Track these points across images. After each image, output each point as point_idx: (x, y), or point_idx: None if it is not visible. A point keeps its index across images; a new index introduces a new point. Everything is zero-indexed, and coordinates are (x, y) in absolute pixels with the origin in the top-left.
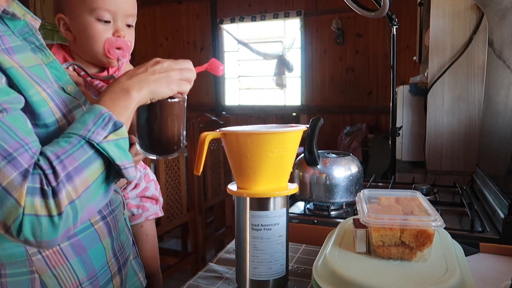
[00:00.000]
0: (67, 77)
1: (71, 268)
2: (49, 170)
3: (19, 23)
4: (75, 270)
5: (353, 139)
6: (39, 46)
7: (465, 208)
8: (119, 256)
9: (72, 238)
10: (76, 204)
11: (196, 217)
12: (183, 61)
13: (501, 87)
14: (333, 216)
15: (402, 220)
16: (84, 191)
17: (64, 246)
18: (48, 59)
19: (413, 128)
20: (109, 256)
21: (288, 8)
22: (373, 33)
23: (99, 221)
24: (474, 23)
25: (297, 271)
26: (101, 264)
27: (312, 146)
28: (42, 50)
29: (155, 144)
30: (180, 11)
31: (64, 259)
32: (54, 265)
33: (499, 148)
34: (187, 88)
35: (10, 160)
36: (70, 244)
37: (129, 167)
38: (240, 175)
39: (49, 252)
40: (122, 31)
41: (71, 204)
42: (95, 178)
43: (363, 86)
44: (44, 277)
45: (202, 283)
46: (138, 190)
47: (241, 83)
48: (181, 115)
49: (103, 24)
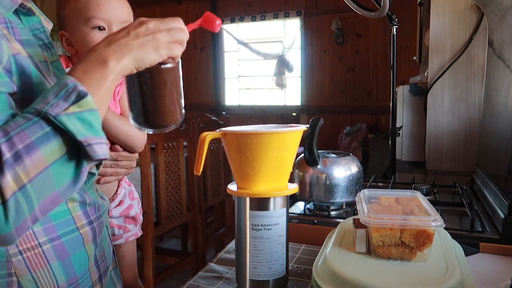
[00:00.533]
0: None
1: (52, 272)
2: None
3: (32, 19)
4: (56, 274)
5: (353, 139)
6: (47, 44)
7: (465, 208)
8: (100, 264)
9: (55, 241)
10: (28, 189)
11: (196, 217)
12: (172, 20)
13: (501, 87)
14: (333, 216)
15: (402, 220)
16: (39, 174)
17: (46, 248)
18: (53, 58)
19: (413, 128)
20: (91, 263)
21: (288, 8)
22: (373, 33)
23: (86, 225)
24: (474, 23)
25: (297, 271)
26: (83, 271)
27: (312, 146)
28: (49, 48)
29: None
30: (180, 11)
31: (45, 262)
32: (34, 267)
33: (499, 148)
34: (179, 52)
35: None
36: (53, 246)
37: (95, 143)
38: (240, 175)
39: (31, 253)
40: None
41: (22, 189)
42: (55, 158)
43: (363, 86)
44: (22, 280)
45: (202, 283)
46: (122, 207)
47: (241, 83)
48: (176, 83)
49: (98, 32)
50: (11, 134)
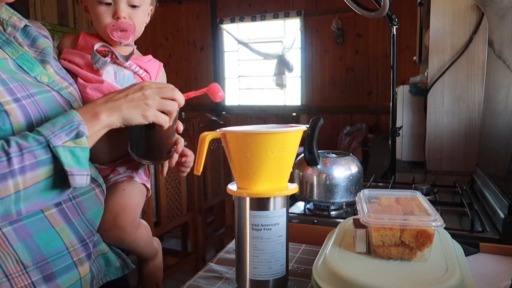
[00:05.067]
0: (40, 68)
1: (14, 252)
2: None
3: None
4: (19, 254)
5: (353, 139)
6: (6, 41)
7: (465, 208)
8: (89, 243)
9: (16, 223)
10: (21, 194)
11: (196, 217)
12: (170, 90)
13: (501, 87)
14: (333, 216)
15: (402, 220)
16: (32, 185)
17: (6, 230)
18: (17, 52)
19: (413, 128)
20: (71, 242)
21: (288, 8)
22: (373, 33)
23: (51, 208)
24: (474, 23)
25: (297, 271)
26: (53, 250)
27: (312, 146)
28: (10, 44)
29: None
30: (180, 11)
31: (6, 244)
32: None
33: (499, 148)
34: (164, 120)
35: None
36: (14, 228)
37: (77, 174)
38: (240, 175)
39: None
40: (121, 13)
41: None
42: (48, 176)
43: (363, 86)
44: None
45: (202, 283)
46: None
47: (241, 83)
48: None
49: (104, 6)
50: (23, 151)
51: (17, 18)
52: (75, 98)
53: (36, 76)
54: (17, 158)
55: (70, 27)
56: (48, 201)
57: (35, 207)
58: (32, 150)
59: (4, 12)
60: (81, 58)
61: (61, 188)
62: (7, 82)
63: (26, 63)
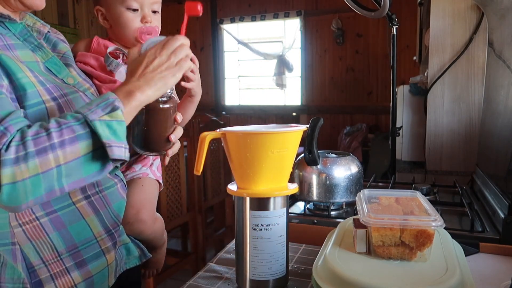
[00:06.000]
0: (66, 71)
1: (50, 241)
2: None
3: (18, 26)
4: (54, 243)
5: (353, 139)
6: (37, 45)
7: (465, 208)
8: (114, 233)
9: (52, 214)
10: (62, 169)
11: (196, 217)
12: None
13: (501, 87)
14: (333, 216)
15: (402, 220)
16: (73, 160)
17: (43, 221)
18: (47, 56)
19: (413, 128)
20: (98, 232)
21: (288, 8)
22: (373, 33)
23: (82, 200)
24: (474, 23)
25: (297, 271)
26: (83, 239)
27: (312, 146)
28: (40, 49)
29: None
30: (180, 11)
31: (43, 233)
32: (33, 237)
33: (499, 148)
34: (188, 64)
35: None
36: (50, 219)
37: (115, 146)
38: (240, 175)
39: (29, 226)
40: (149, 17)
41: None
42: (87, 152)
43: (363, 86)
44: (24, 248)
45: (202, 283)
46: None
47: (241, 83)
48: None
49: (132, 12)
50: (62, 126)
51: (40, 24)
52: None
53: (63, 78)
54: (57, 133)
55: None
56: (90, 179)
57: (77, 184)
58: (70, 125)
59: (28, 18)
60: (95, 60)
61: (102, 165)
62: (44, 83)
63: (55, 66)
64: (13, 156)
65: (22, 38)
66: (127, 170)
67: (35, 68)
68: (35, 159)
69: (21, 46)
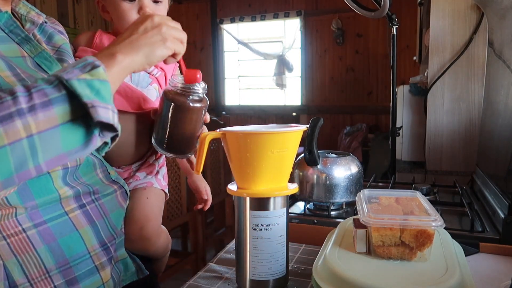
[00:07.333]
0: (58, 67)
1: (38, 256)
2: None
3: (2, 16)
4: (42, 258)
5: (353, 139)
6: (25, 38)
7: (465, 208)
8: (110, 247)
9: (41, 226)
10: (35, 140)
11: (196, 217)
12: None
13: (501, 87)
14: (333, 216)
15: (402, 220)
16: (48, 130)
17: (31, 233)
18: (36, 50)
19: (413, 128)
20: (92, 246)
21: (288, 8)
22: (373, 33)
23: (76, 209)
24: (474, 23)
25: (297, 271)
26: (75, 254)
27: (312, 146)
28: (29, 42)
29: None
30: (180, 11)
31: (30, 247)
32: (19, 252)
33: (499, 148)
34: (181, 48)
35: None
36: (38, 232)
37: (99, 106)
38: (240, 175)
39: (15, 239)
40: (147, 8)
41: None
42: (66, 120)
43: (363, 86)
44: (8, 264)
45: (202, 283)
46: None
47: (241, 83)
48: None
49: (128, 2)
50: (32, 91)
51: (35, 13)
52: None
53: None
54: (25, 97)
55: (70, 27)
56: (72, 154)
57: (56, 162)
58: (42, 88)
59: (22, 7)
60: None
61: (85, 137)
62: (27, 81)
63: (45, 62)
64: None
65: (8, 30)
66: (130, 178)
67: (20, 63)
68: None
69: (5, 39)
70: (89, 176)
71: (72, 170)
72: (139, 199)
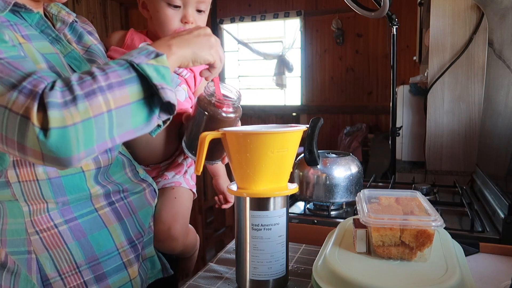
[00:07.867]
0: (87, 65)
1: (68, 251)
2: (89, 77)
3: (34, 16)
4: (73, 253)
5: (353, 139)
6: (55, 38)
7: (465, 208)
8: (138, 244)
9: (71, 222)
10: (113, 114)
11: (196, 217)
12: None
13: (501, 87)
14: (333, 216)
15: (402, 220)
16: (123, 106)
17: (62, 229)
18: (66, 49)
19: (413, 128)
20: (120, 243)
21: (288, 8)
22: (373, 33)
23: (105, 206)
24: (474, 23)
25: (297, 271)
26: (104, 250)
27: (312, 146)
28: (59, 42)
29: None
30: None
31: (61, 242)
32: (51, 246)
33: (499, 148)
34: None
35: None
36: (69, 227)
37: (167, 88)
38: (240, 175)
39: (47, 234)
40: (190, 17)
41: (108, 112)
42: (136, 99)
43: (363, 86)
44: (40, 258)
45: (202, 283)
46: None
47: (241, 83)
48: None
49: (172, 9)
50: (107, 71)
51: (66, 12)
52: None
53: None
54: (102, 76)
55: None
56: (138, 131)
57: (126, 136)
58: (115, 70)
59: (53, 6)
60: None
61: (148, 117)
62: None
63: (74, 61)
64: (60, 101)
65: (39, 30)
66: (158, 177)
67: (54, 60)
68: (85, 102)
69: (38, 37)
70: (118, 175)
71: (104, 169)
72: (167, 200)
